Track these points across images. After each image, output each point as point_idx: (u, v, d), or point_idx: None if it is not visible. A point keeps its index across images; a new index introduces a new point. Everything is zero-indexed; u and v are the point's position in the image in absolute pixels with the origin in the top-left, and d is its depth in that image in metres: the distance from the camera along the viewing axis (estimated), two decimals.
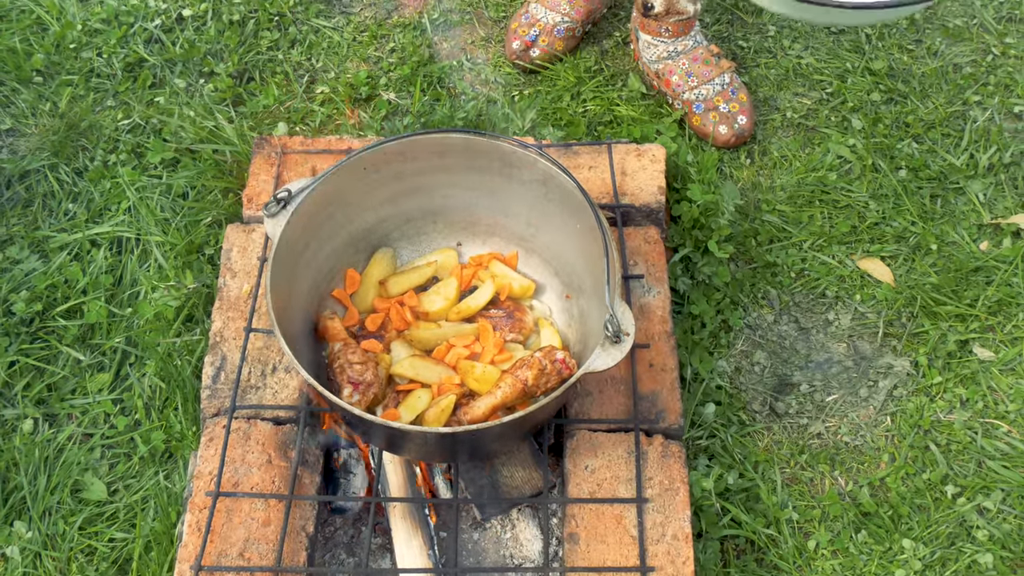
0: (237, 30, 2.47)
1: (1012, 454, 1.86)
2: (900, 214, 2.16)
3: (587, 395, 1.74)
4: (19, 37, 2.45)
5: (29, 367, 1.96)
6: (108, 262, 2.08)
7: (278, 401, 1.73)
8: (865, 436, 1.90)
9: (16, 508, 1.81)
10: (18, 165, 2.23)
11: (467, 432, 1.47)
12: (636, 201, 1.95)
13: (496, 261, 1.81)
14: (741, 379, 1.97)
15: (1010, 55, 2.43)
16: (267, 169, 2.00)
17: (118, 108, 2.35)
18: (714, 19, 2.51)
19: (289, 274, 1.60)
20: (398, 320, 1.74)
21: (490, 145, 1.67)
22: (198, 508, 1.63)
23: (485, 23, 2.53)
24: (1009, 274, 2.06)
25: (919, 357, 1.97)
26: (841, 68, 2.40)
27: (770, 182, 2.22)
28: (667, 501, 1.63)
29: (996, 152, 2.25)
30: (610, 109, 2.31)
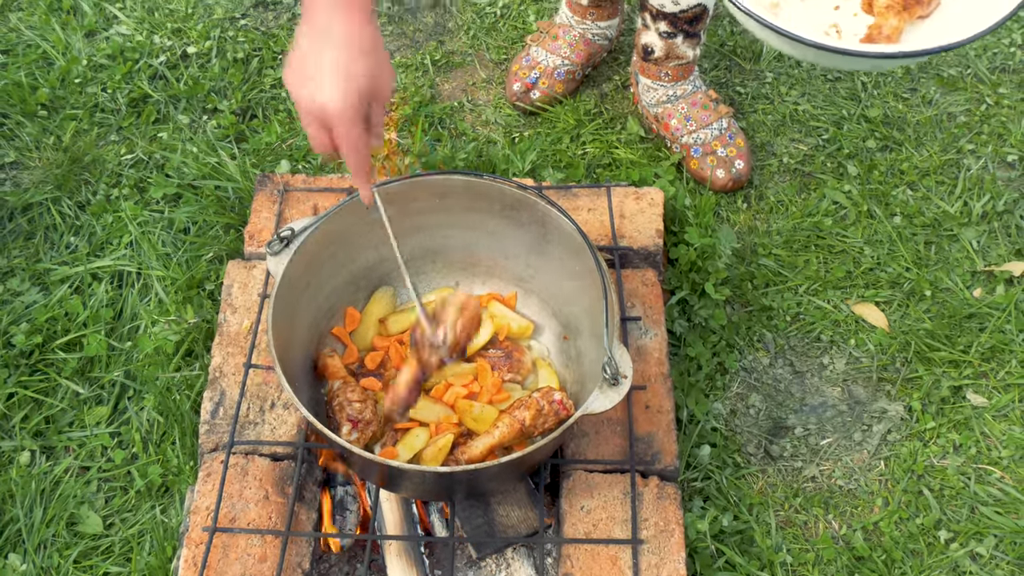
0: (241, 68, 2.50)
1: (1005, 500, 1.87)
2: (895, 260, 2.18)
3: (583, 436, 1.75)
4: (25, 71, 2.48)
5: (27, 399, 1.97)
6: (109, 296, 2.09)
7: (276, 437, 1.74)
8: (859, 480, 1.91)
9: (11, 540, 1.81)
10: (21, 198, 2.24)
11: (464, 472, 1.47)
12: (634, 244, 1.97)
13: (495, 301, 1.83)
14: (736, 421, 1.98)
15: (1003, 105, 2.46)
16: (269, 206, 2.02)
17: (121, 143, 2.37)
18: (712, 65, 2.55)
19: (290, 312, 1.61)
20: (397, 358, 1.75)
21: (490, 187, 1.69)
22: (194, 543, 1.63)
23: (486, 65, 2.56)
24: (1002, 321, 2.08)
25: (913, 402, 1.99)
26: (837, 115, 2.43)
27: (766, 226, 2.24)
28: (662, 543, 1.63)
29: (989, 200, 2.27)
30: (609, 152, 2.34)
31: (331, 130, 1.35)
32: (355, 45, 1.32)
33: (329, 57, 1.30)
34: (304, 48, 1.32)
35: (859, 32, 1.63)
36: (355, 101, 1.32)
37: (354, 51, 1.31)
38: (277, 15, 2.66)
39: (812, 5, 1.66)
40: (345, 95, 1.31)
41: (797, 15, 1.65)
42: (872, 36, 1.59)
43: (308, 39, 1.32)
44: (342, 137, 1.35)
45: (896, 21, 1.58)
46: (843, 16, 1.65)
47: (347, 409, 1.59)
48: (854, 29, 1.63)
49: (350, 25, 1.31)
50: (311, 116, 1.34)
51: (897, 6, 1.58)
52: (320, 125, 1.35)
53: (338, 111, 1.32)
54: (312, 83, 1.31)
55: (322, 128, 1.35)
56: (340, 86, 1.31)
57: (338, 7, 1.30)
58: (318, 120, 1.34)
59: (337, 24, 1.30)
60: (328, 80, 1.30)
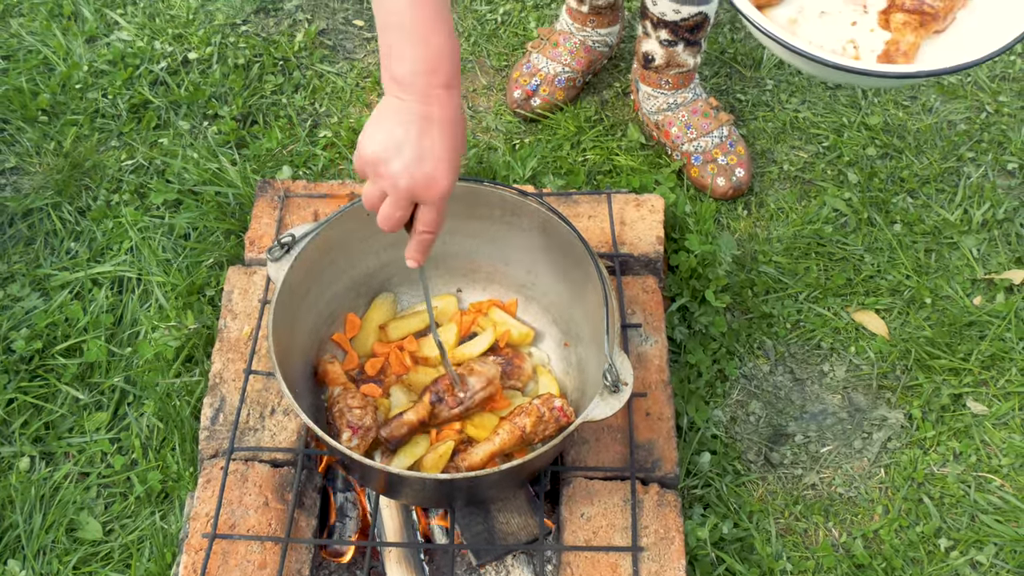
0: (242, 74, 2.50)
1: (1005, 508, 1.87)
2: (895, 268, 2.18)
3: (584, 443, 1.75)
4: (26, 77, 2.48)
5: (27, 405, 1.97)
6: (109, 301, 2.09)
7: (276, 443, 1.74)
8: (859, 488, 1.91)
9: (11, 547, 1.81)
10: (21, 203, 2.25)
11: (465, 479, 1.47)
12: (635, 251, 1.97)
13: (496, 308, 1.83)
14: (736, 429, 1.98)
15: (1003, 113, 2.47)
16: (270, 212, 2.02)
17: (122, 149, 2.37)
18: (713, 72, 2.55)
19: (291, 318, 1.61)
20: (397, 365, 1.75)
21: (492, 193, 1.69)
22: (194, 550, 1.63)
23: (487, 71, 2.57)
24: (1002, 329, 2.08)
25: (913, 410, 1.99)
26: (838, 123, 2.43)
27: (767, 234, 2.24)
28: (662, 550, 1.63)
29: (990, 208, 2.28)
30: (609, 159, 2.34)
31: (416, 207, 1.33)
32: (460, 127, 1.31)
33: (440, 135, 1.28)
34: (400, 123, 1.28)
35: (876, 48, 1.63)
36: (455, 181, 1.32)
37: (461, 135, 1.31)
38: (278, 21, 2.66)
39: (829, 21, 1.66)
40: (454, 176, 1.31)
41: (815, 31, 1.65)
42: (889, 52, 1.59)
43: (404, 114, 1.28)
44: (434, 218, 1.33)
45: (913, 37, 1.58)
46: (860, 32, 1.65)
47: (347, 415, 1.59)
48: (871, 45, 1.63)
49: (453, 107, 1.29)
50: (406, 196, 1.30)
51: (914, 23, 1.58)
52: (410, 203, 1.31)
53: (445, 194, 1.30)
54: (418, 162, 1.27)
55: (409, 206, 1.32)
56: (451, 167, 1.30)
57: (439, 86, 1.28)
58: (410, 199, 1.30)
59: (438, 105, 1.28)
60: (443, 161, 1.28)
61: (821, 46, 1.62)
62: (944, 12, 1.59)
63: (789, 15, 1.66)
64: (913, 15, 1.58)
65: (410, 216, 1.34)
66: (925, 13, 1.57)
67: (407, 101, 1.27)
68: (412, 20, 1.25)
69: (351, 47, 2.63)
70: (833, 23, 1.67)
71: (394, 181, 1.28)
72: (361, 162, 1.31)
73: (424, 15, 1.25)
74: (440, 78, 1.27)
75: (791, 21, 1.66)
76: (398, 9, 1.25)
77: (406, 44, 1.26)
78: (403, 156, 1.27)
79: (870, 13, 1.67)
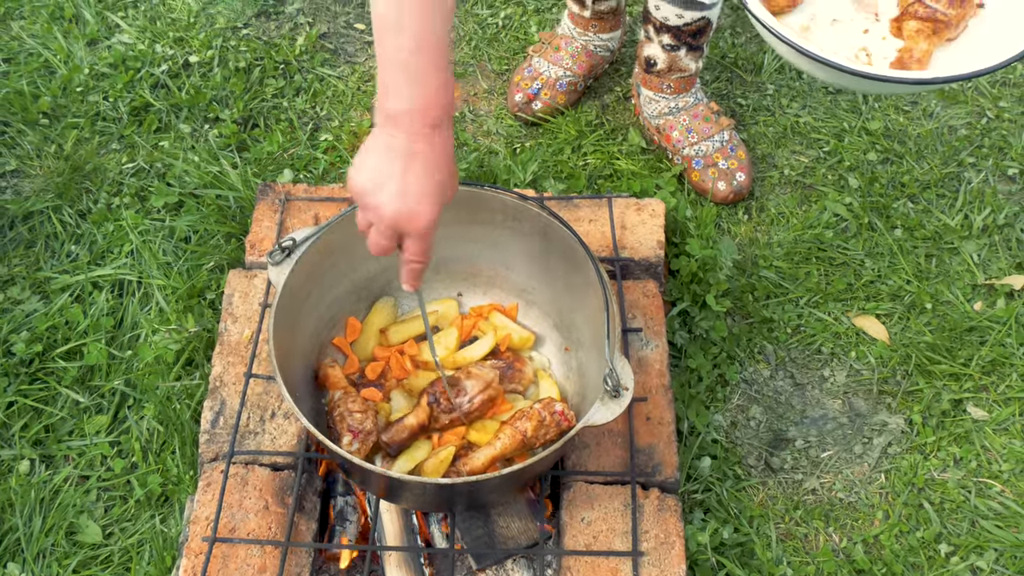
0: (243, 77, 2.50)
1: (1005, 514, 1.87)
2: (895, 273, 2.18)
3: (584, 447, 1.75)
4: (27, 80, 2.48)
5: (27, 408, 1.96)
6: (109, 304, 2.09)
7: (276, 447, 1.74)
8: (859, 493, 1.91)
9: (10, 550, 1.81)
10: (22, 206, 2.24)
11: (465, 483, 1.47)
12: (635, 255, 1.97)
13: (496, 312, 1.83)
14: (737, 433, 1.98)
15: (1004, 118, 2.47)
16: (270, 216, 2.02)
17: (123, 152, 2.37)
18: (714, 76, 2.55)
19: (291, 321, 1.61)
20: (398, 369, 1.75)
21: (493, 198, 1.69)
22: (194, 553, 1.62)
23: (488, 75, 2.57)
24: (1003, 335, 2.08)
25: (913, 415, 1.99)
26: (838, 127, 2.44)
27: (767, 238, 2.24)
28: (663, 555, 1.63)
29: (990, 213, 2.28)
30: (610, 163, 2.34)
31: (402, 239, 1.38)
32: (446, 164, 1.35)
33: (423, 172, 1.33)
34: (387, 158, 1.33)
35: (888, 56, 1.63)
36: (439, 215, 1.37)
37: (446, 170, 1.35)
38: (279, 24, 2.66)
39: (841, 29, 1.67)
40: (437, 210, 1.36)
41: (827, 38, 1.66)
42: (903, 60, 1.60)
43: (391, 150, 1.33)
44: (421, 249, 1.39)
45: (926, 45, 1.59)
46: (872, 40, 1.66)
47: (348, 420, 1.59)
48: (884, 53, 1.64)
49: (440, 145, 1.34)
50: (389, 225, 1.35)
51: (927, 30, 1.59)
52: (394, 233, 1.37)
53: (427, 228, 1.36)
54: (400, 198, 1.33)
55: (394, 236, 1.37)
56: (433, 202, 1.35)
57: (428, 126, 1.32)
58: (394, 229, 1.36)
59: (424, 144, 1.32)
60: (424, 196, 1.34)
61: (834, 53, 1.63)
62: (956, 20, 1.59)
63: (801, 22, 1.67)
64: (926, 23, 1.58)
65: (399, 244, 1.40)
66: (938, 21, 1.58)
67: (396, 138, 1.32)
68: (415, 62, 1.29)
69: (352, 51, 2.63)
70: (845, 31, 1.67)
71: (378, 213, 1.35)
72: (351, 190, 1.37)
73: (427, 59, 1.29)
74: (429, 118, 1.31)
75: (803, 28, 1.67)
76: (402, 48, 1.29)
77: (404, 84, 1.30)
78: (387, 190, 1.33)
79: (882, 21, 1.67)
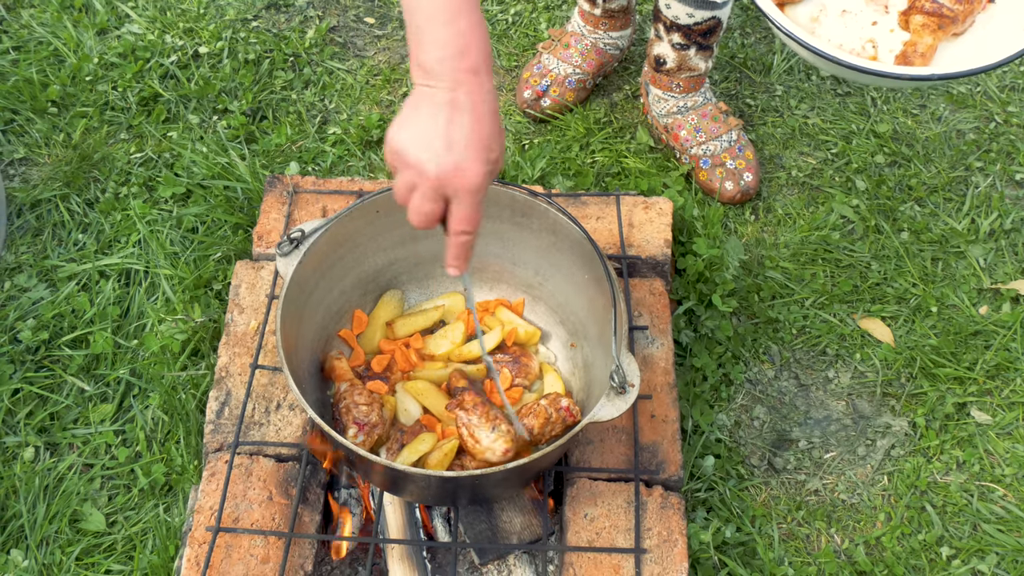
0: (252, 69, 2.51)
1: (1007, 518, 1.87)
2: (901, 276, 2.18)
3: (588, 443, 1.75)
4: (36, 68, 2.48)
5: (33, 395, 1.97)
6: (116, 293, 2.10)
7: (281, 438, 1.74)
8: (862, 494, 1.91)
9: (14, 536, 1.81)
10: (30, 194, 2.25)
11: (469, 477, 1.47)
12: (642, 253, 1.97)
13: (503, 307, 1.83)
14: (740, 433, 1.98)
15: (1012, 123, 2.47)
16: (278, 207, 2.02)
17: (131, 141, 2.38)
18: (723, 76, 2.55)
19: (298, 313, 1.61)
20: (403, 362, 1.75)
21: (502, 193, 1.69)
22: (197, 543, 1.63)
23: (497, 72, 2.57)
24: (1008, 339, 2.08)
25: (917, 418, 1.99)
26: (846, 129, 2.44)
27: (774, 239, 2.24)
28: (665, 552, 1.63)
29: (997, 218, 2.28)
30: (618, 161, 2.35)
31: (449, 203, 1.26)
32: (491, 116, 1.24)
33: (469, 125, 1.22)
34: (428, 112, 1.22)
35: (895, 48, 1.64)
36: (491, 175, 1.25)
37: (492, 123, 1.24)
38: (289, 17, 2.66)
39: (850, 20, 1.68)
40: (486, 167, 1.23)
41: (835, 29, 1.67)
42: (907, 53, 1.61)
43: (432, 102, 1.22)
44: (469, 214, 1.26)
45: (931, 39, 1.59)
46: (880, 32, 1.66)
47: (354, 412, 1.59)
48: (890, 45, 1.65)
49: (483, 93, 1.23)
50: (434, 187, 1.23)
51: (932, 25, 1.59)
52: (439, 196, 1.25)
53: (476, 186, 1.23)
54: (447, 152, 1.21)
55: (439, 200, 1.25)
56: (482, 157, 1.23)
57: (467, 71, 1.22)
58: (439, 191, 1.24)
59: (465, 91, 1.22)
60: (473, 150, 1.22)
61: (840, 44, 1.64)
62: (963, 16, 1.60)
63: (811, 13, 1.68)
64: (932, 17, 1.59)
65: (443, 215, 1.29)
66: (944, 16, 1.58)
67: (435, 88, 1.22)
68: (439, 6, 1.21)
69: (362, 44, 2.63)
70: (854, 22, 1.68)
71: (422, 171, 1.23)
72: (390, 154, 1.26)
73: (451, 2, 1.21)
74: (467, 62, 1.21)
75: (812, 19, 1.68)
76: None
77: (432, 28, 1.21)
78: (430, 146, 1.22)
79: (891, 13, 1.68)
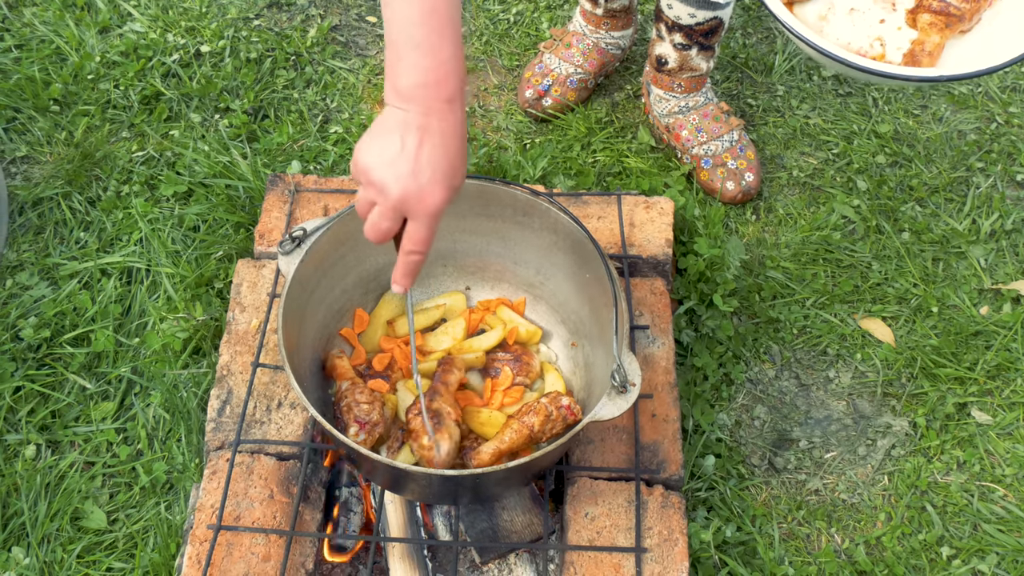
0: (254, 68, 2.51)
1: (1008, 518, 1.88)
2: (902, 276, 2.18)
3: (589, 443, 1.75)
4: (38, 66, 2.48)
5: (34, 393, 1.97)
6: (118, 292, 2.10)
7: (282, 437, 1.74)
8: (862, 494, 1.92)
9: (15, 534, 1.81)
10: (32, 192, 2.25)
11: (471, 475, 1.47)
12: (644, 252, 1.97)
13: (504, 306, 1.83)
14: (741, 433, 1.98)
15: (1013, 124, 2.47)
16: (280, 206, 2.02)
17: (133, 140, 2.38)
18: (724, 76, 2.55)
19: (300, 311, 1.62)
20: (403, 360, 1.76)
21: (504, 193, 1.70)
22: (199, 541, 1.63)
23: (499, 71, 2.57)
24: (1008, 339, 2.08)
25: (918, 418, 1.99)
26: (848, 130, 2.44)
27: (775, 239, 2.24)
28: (666, 551, 1.64)
29: (998, 218, 2.28)
30: (619, 160, 2.35)
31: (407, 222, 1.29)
32: (459, 144, 1.27)
33: (435, 150, 1.25)
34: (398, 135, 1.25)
35: (903, 46, 1.64)
36: (450, 200, 1.28)
37: (459, 151, 1.27)
38: (291, 16, 2.66)
39: (858, 18, 1.68)
40: (447, 193, 1.26)
41: (843, 28, 1.67)
42: (914, 52, 1.61)
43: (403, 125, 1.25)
44: (423, 236, 1.29)
45: (938, 38, 1.59)
46: (888, 30, 1.67)
47: (355, 410, 1.60)
48: (897, 43, 1.65)
49: (454, 123, 1.26)
50: (394, 207, 1.26)
51: (940, 24, 1.60)
52: (397, 216, 1.28)
53: (435, 210, 1.27)
54: (411, 175, 1.24)
55: (397, 219, 1.28)
56: (445, 183, 1.26)
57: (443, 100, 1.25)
58: (398, 211, 1.27)
59: (438, 119, 1.24)
60: (436, 176, 1.25)
61: (849, 43, 1.64)
62: (970, 14, 1.60)
63: (819, 11, 1.68)
64: (939, 16, 1.59)
65: (399, 232, 1.31)
66: (951, 15, 1.59)
67: (408, 112, 1.25)
68: (422, 33, 1.23)
69: (363, 43, 2.63)
70: (862, 20, 1.68)
71: (384, 190, 1.26)
72: (355, 168, 1.29)
73: (434, 28, 1.23)
74: (444, 92, 1.24)
75: (820, 17, 1.68)
76: (409, 20, 1.23)
77: (413, 56, 1.23)
78: (396, 166, 1.24)
79: (898, 11, 1.68)
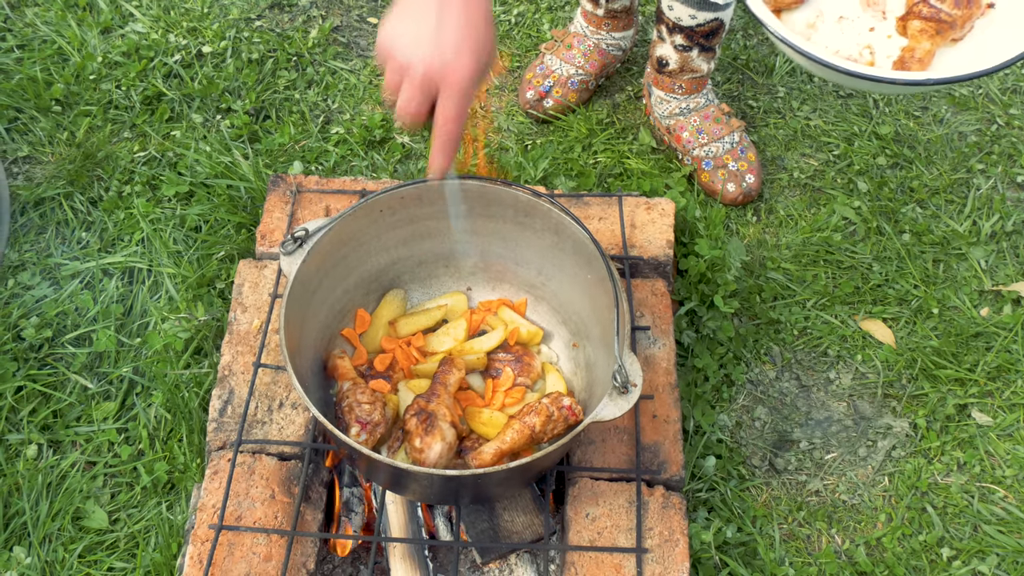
0: (255, 68, 2.51)
1: (1008, 519, 1.88)
2: (903, 277, 2.19)
3: (590, 443, 1.75)
4: (40, 67, 2.49)
5: (36, 393, 1.97)
6: (119, 292, 2.10)
7: (284, 437, 1.74)
8: (863, 495, 1.92)
9: (17, 533, 1.82)
10: (33, 192, 2.25)
11: (472, 476, 1.47)
12: (645, 253, 1.98)
13: (505, 307, 1.83)
14: (742, 433, 1.99)
15: (1014, 125, 2.47)
16: (281, 207, 2.03)
17: (135, 140, 2.38)
18: (725, 78, 2.56)
19: (302, 312, 1.62)
20: (405, 361, 1.76)
21: (506, 193, 1.70)
22: (200, 540, 1.63)
23: (500, 72, 2.57)
24: (1009, 341, 2.08)
25: (918, 419, 1.99)
26: (848, 131, 2.44)
27: (776, 240, 2.25)
28: (666, 552, 1.64)
29: (998, 220, 2.28)
30: (620, 162, 2.35)
31: (435, 97, 1.27)
32: (483, 18, 1.26)
33: (458, 22, 1.24)
34: (420, 7, 1.25)
35: (892, 54, 1.64)
36: (479, 73, 1.26)
37: (483, 21, 1.26)
38: (292, 17, 2.67)
39: (847, 26, 1.68)
40: (475, 65, 1.25)
41: (832, 35, 1.66)
42: (904, 59, 1.60)
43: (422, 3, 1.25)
44: (456, 110, 1.28)
45: (929, 45, 1.59)
46: (877, 37, 1.66)
47: (356, 410, 1.60)
48: (887, 51, 1.65)
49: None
50: (422, 82, 1.25)
51: (930, 30, 1.59)
52: (426, 90, 1.27)
53: (464, 80, 1.25)
54: (435, 48, 1.24)
55: (428, 93, 1.27)
56: (471, 55, 1.25)
57: None
58: (427, 85, 1.26)
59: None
60: (462, 47, 1.24)
61: (838, 51, 1.63)
62: (961, 21, 1.60)
63: (807, 19, 1.68)
64: (930, 23, 1.59)
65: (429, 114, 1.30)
66: (942, 21, 1.58)
67: None
68: None
69: (365, 44, 2.63)
70: (851, 28, 1.68)
71: (409, 67, 1.25)
72: (380, 51, 1.28)
73: None
74: None
75: (809, 25, 1.67)
76: None
77: None
78: (419, 42, 1.24)
79: (888, 19, 1.68)
